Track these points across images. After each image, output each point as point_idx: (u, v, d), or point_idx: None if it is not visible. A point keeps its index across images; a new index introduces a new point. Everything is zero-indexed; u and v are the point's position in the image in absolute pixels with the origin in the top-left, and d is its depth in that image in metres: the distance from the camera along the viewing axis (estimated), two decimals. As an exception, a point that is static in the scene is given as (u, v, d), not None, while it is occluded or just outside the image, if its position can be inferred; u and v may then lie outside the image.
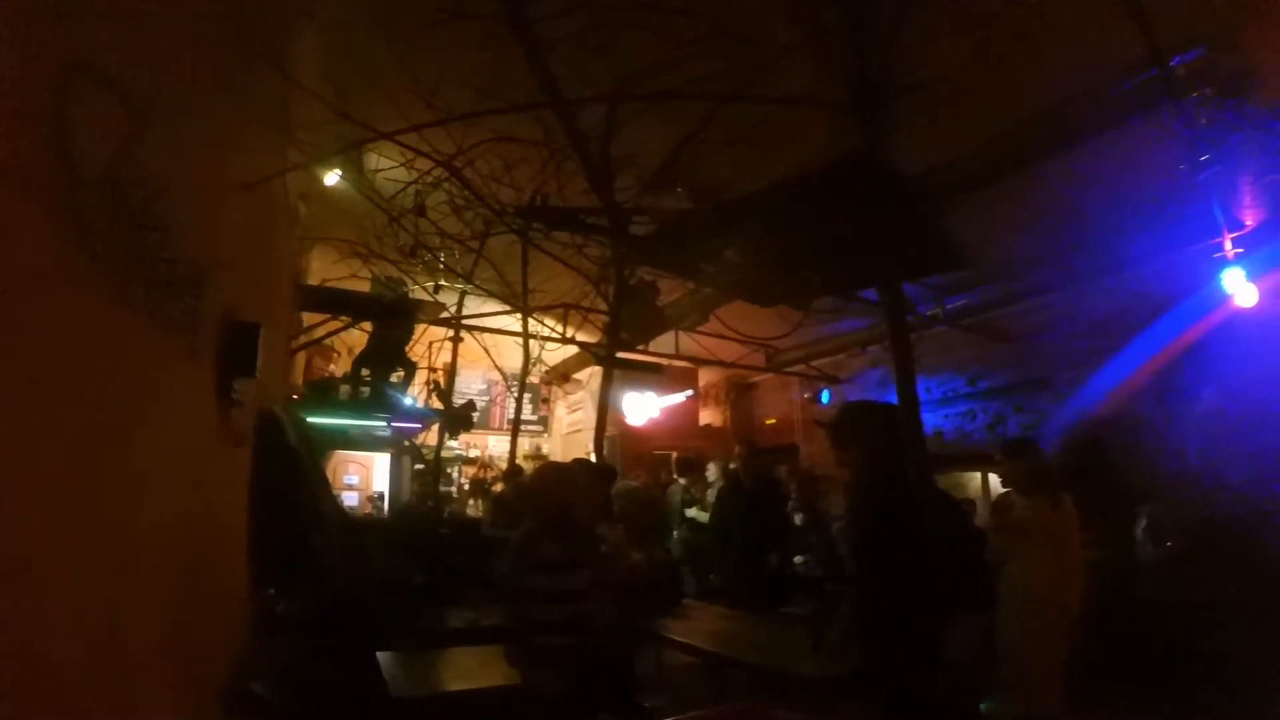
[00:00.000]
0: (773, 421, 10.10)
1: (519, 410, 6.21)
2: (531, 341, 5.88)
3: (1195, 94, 4.60)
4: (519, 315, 5.46)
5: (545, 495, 3.00)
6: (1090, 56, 4.25)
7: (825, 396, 9.39)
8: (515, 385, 6.09)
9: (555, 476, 3.26)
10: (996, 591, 3.31)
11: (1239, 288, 5.28)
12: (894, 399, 8.38)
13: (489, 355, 6.16)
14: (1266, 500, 5.26)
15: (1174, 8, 3.93)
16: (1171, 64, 4.52)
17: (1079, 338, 6.33)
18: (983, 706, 3.25)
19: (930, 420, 7.88)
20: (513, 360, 6.02)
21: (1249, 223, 5.17)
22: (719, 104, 2.96)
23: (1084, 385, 6.06)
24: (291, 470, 3.65)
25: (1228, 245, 5.15)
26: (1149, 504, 5.33)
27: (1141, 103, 4.42)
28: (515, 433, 6.10)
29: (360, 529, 6.03)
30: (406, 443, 6.66)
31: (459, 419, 6.27)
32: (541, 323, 6.09)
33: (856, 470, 2.78)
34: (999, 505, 4.38)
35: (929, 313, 6.63)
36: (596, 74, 3.52)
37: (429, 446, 6.46)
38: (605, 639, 3.00)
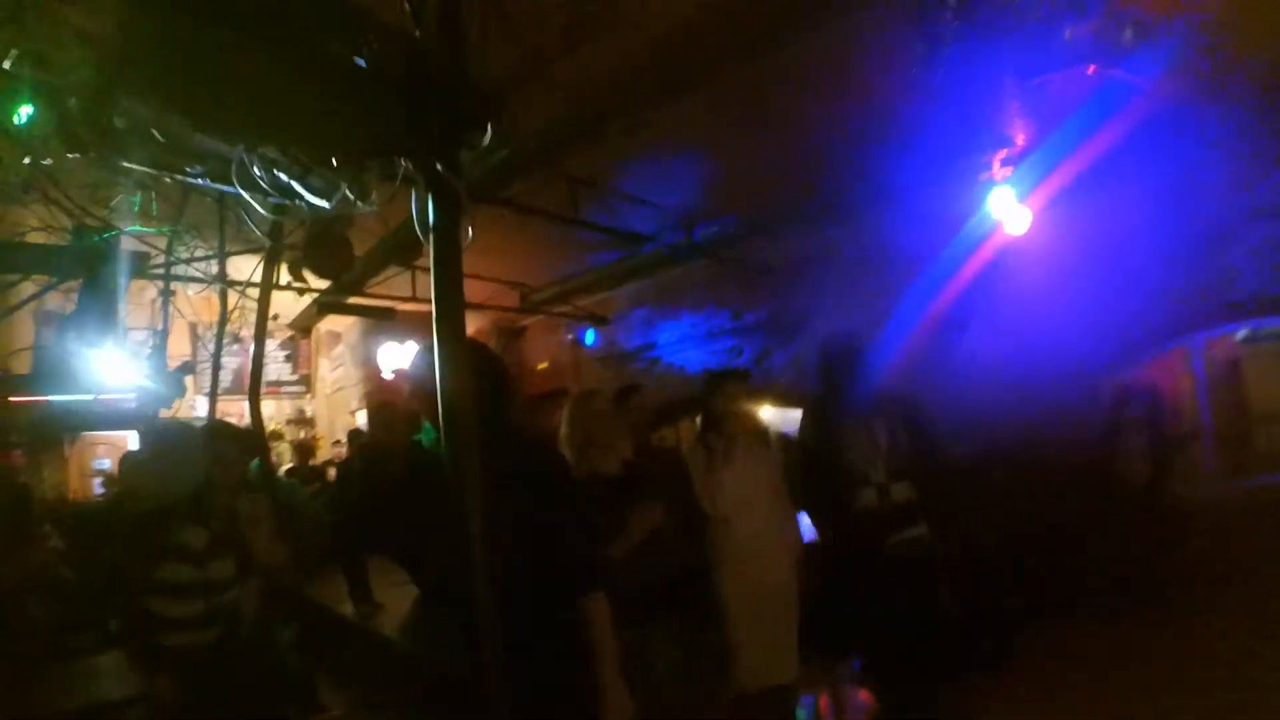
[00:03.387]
0: (544, 366, 9.54)
1: (249, 369, 5.23)
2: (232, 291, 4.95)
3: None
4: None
5: (173, 469, 2.57)
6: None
7: (590, 337, 8.70)
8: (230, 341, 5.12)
9: (185, 445, 2.70)
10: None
11: (1008, 212, 4.82)
12: (659, 338, 7.55)
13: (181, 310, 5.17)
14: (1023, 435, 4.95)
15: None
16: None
17: (842, 271, 5.84)
18: None
19: (697, 356, 7.57)
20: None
21: (1019, 138, 4.63)
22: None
23: (848, 320, 5.60)
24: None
25: (995, 165, 4.63)
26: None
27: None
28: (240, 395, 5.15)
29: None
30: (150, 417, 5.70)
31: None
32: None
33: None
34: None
35: (678, 241, 6.01)
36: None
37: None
38: (252, 633, 2.74)
